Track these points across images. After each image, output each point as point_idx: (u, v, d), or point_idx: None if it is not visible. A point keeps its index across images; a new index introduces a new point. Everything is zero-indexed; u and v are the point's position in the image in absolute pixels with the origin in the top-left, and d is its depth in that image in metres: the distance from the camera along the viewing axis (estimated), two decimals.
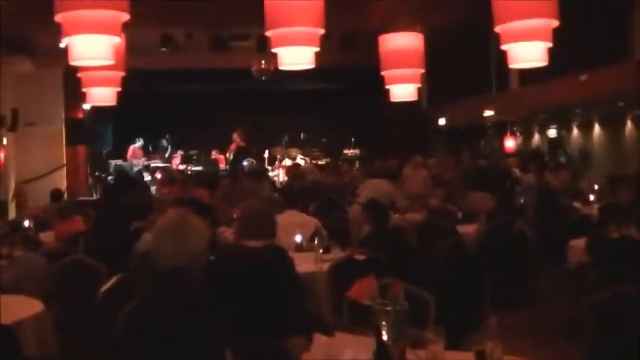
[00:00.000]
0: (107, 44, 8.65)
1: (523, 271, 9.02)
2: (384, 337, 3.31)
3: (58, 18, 8.24)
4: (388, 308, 3.34)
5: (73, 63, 9.27)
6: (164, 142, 21.66)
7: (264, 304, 4.47)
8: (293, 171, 16.10)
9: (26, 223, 11.34)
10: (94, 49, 8.66)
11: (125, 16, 8.39)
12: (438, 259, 8.18)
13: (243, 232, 5.06)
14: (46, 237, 10.13)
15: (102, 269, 6.64)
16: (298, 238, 7.53)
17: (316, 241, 7.40)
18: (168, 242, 3.57)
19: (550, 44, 9.39)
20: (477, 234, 9.19)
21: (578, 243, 7.93)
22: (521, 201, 10.50)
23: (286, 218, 7.75)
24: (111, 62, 9.17)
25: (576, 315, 4.80)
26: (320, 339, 3.65)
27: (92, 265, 6.75)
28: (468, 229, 9.51)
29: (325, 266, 6.75)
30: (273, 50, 9.98)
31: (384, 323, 3.31)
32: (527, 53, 9.67)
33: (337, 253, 7.40)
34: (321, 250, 7.29)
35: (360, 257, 6.74)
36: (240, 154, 21.04)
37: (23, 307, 5.31)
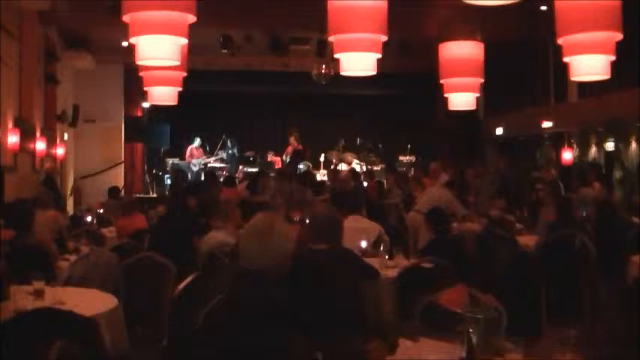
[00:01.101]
0: (173, 45, 8.78)
1: (581, 284, 8.96)
2: (473, 344, 3.36)
3: (126, 18, 8.36)
4: (479, 316, 3.41)
5: (139, 62, 9.42)
6: (228, 143, 21.74)
7: (334, 305, 4.51)
8: (331, 177, 16.15)
9: (88, 219, 11.54)
10: (160, 49, 8.78)
11: (192, 18, 8.50)
12: (494, 269, 8.17)
13: (312, 235, 5.13)
14: (108, 232, 10.32)
15: (171, 267, 6.75)
16: (363, 244, 7.53)
17: (382, 247, 7.46)
18: (253, 244, 3.63)
19: (613, 57, 9.34)
20: (536, 245, 9.15)
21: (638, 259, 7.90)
22: (583, 214, 10.40)
23: (350, 223, 7.72)
24: (177, 63, 9.29)
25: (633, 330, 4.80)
26: (405, 343, 3.71)
27: (162, 263, 6.85)
28: (529, 240, 9.49)
29: (390, 272, 6.79)
30: (336, 56, 10.05)
31: (471, 330, 3.37)
32: (590, 66, 9.61)
33: (400, 259, 7.44)
34: (386, 256, 7.36)
35: (426, 265, 6.78)
36: (296, 156, 21.09)
37: (98, 302, 5.40)
